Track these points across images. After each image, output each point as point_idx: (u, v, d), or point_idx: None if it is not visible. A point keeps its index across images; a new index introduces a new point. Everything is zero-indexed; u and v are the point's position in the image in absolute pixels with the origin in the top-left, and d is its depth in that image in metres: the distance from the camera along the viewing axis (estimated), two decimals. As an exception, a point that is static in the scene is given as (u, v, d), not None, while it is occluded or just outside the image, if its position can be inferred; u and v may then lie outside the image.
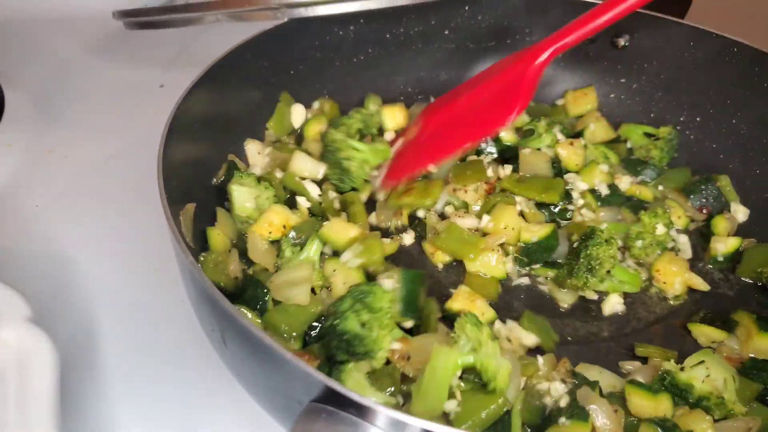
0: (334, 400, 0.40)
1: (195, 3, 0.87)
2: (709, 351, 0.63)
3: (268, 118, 0.88)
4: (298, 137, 0.89)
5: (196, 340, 0.68)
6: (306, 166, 0.80)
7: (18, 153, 0.95)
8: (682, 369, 0.60)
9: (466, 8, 0.97)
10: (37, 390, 0.49)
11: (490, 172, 0.83)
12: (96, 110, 1.05)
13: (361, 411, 0.39)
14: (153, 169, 0.93)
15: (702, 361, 0.59)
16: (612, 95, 1.00)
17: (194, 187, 0.72)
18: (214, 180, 0.77)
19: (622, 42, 0.95)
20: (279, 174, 0.80)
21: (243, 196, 0.71)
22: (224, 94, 0.79)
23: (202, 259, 0.65)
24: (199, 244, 0.68)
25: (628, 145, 0.92)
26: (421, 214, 0.80)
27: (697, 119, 0.93)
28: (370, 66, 0.97)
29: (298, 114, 0.89)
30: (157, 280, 0.77)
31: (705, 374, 0.58)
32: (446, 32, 0.99)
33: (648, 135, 0.92)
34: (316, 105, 0.92)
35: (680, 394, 0.60)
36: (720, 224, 0.79)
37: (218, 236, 0.68)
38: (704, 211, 0.83)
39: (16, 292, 0.56)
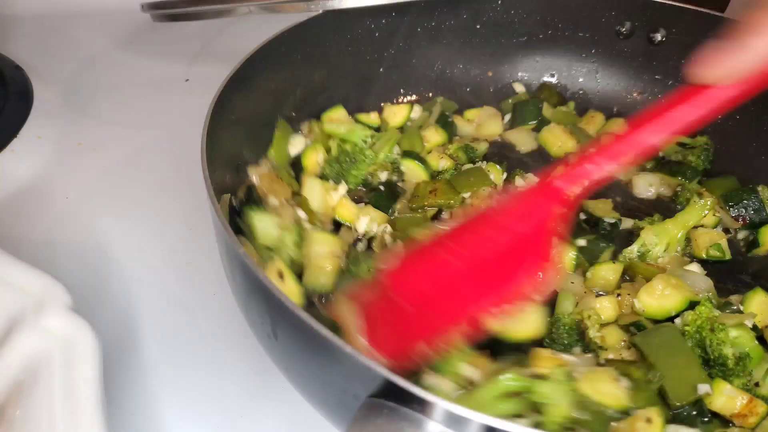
0: (395, 395, 0.39)
1: (226, -6, 0.86)
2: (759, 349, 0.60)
3: (302, 111, 0.87)
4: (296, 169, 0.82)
5: (234, 332, 0.67)
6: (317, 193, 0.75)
7: (47, 145, 0.95)
8: (757, 385, 0.58)
9: (499, 2, 0.96)
10: (83, 377, 0.49)
11: (492, 177, 0.81)
12: (123, 104, 1.05)
13: (425, 406, 0.38)
14: (180, 163, 0.94)
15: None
16: (646, 92, 0.98)
17: (228, 177, 0.71)
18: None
19: (658, 37, 0.94)
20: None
21: (265, 223, 0.64)
22: (258, 87, 0.78)
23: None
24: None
25: (660, 153, 0.89)
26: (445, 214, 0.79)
27: (737, 117, 0.91)
28: (400, 60, 0.96)
29: (296, 143, 0.84)
30: (190, 273, 0.76)
31: None
32: (478, 26, 0.97)
33: (681, 144, 0.89)
34: (305, 129, 0.87)
35: None
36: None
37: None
38: (741, 221, 0.80)
39: (57, 281, 0.56)
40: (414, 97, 0.99)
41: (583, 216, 0.80)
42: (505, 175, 0.83)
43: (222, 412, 0.61)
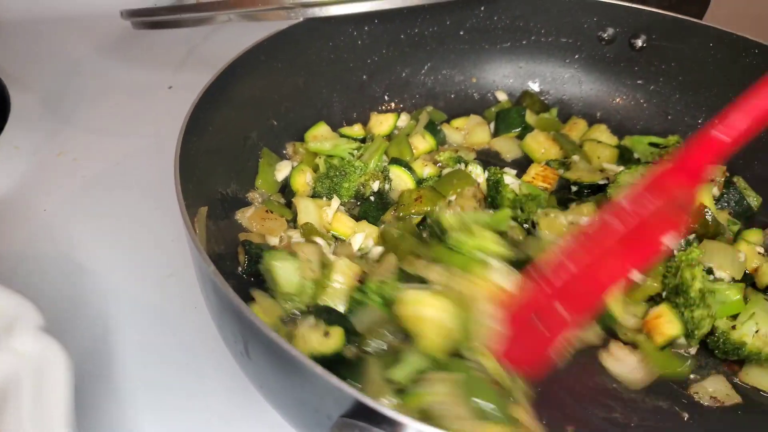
0: (366, 415, 0.38)
1: (206, 2, 0.85)
2: (761, 299, 0.65)
3: (280, 121, 0.87)
4: (286, 192, 0.81)
5: (214, 349, 0.66)
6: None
7: (25, 155, 0.93)
8: (734, 327, 0.62)
9: (482, 9, 0.96)
10: (53, 401, 0.48)
11: (476, 178, 0.82)
12: (105, 112, 1.04)
13: (395, 427, 0.38)
14: (163, 172, 0.93)
15: (752, 314, 0.61)
16: (628, 97, 0.98)
17: (206, 188, 0.70)
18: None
19: (639, 43, 0.94)
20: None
21: (287, 271, 0.62)
22: (237, 97, 0.77)
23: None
24: (212, 248, 0.67)
25: (635, 155, 0.90)
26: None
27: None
28: (383, 67, 0.96)
29: (282, 168, 0.82)
30: (170, 286, 0.75)
31: (755, 330, 0.61)
32: (461, 33, 0.97)
33: (654, 144, 0.90)
34: (289, 151, 0.86)
35: (730, 354, 0.63)
36: (753, 236, 0.75)
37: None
38: (729, 214, 0.81)
39: (28, 300, 0.55)
40: (398, 104, 0.98)
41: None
42: (486, 174, 0.83)
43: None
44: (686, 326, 0.64)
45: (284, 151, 0.88)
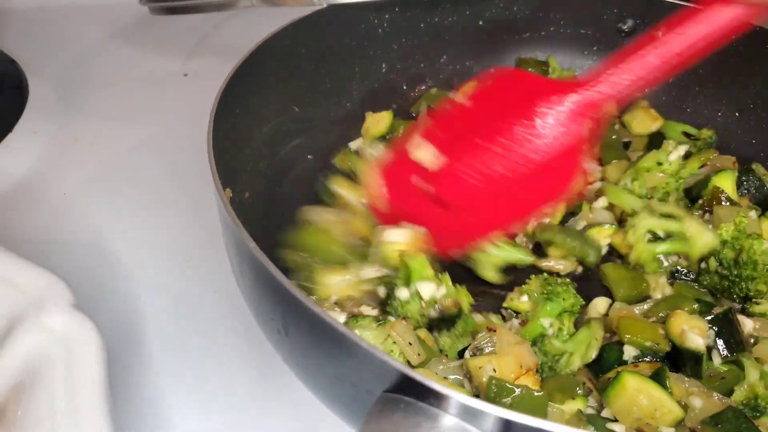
0: (411, 390, 0.38)
1: (227, -13, 0.85)
2: None
3: (302, 107, 0.86)
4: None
5: (239, 328, 0.66)
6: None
7: (43, 141, 0.93)
8: None
9: (502, -1, 0.96)
10: (86, 376, 0.47)
11: None
12: (121, 99, 1.03)
13: (441, 401, 0.38)
14: (180, 157, 0.93)
15: None
16: (648, 89, 0.98)
17: (229, 172, 0.70)
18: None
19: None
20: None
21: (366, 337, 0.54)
22: (261, 80, 0.77)
23: None
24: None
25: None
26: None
27: (736, 114, 0.92)
28: (403, 55, 0.95)
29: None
30: (191, 269, 0.75)
31: None
32: (480, 23, 0.97)
33: (687, 135, 0.90)
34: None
35: None
36: None
37: None
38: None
39: (58, 277, 0.54)
40: (416, 94, 0.98)
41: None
42: None
43: (229, 409, 0.60)
44: None
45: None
